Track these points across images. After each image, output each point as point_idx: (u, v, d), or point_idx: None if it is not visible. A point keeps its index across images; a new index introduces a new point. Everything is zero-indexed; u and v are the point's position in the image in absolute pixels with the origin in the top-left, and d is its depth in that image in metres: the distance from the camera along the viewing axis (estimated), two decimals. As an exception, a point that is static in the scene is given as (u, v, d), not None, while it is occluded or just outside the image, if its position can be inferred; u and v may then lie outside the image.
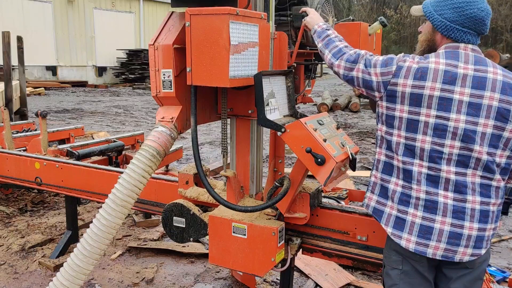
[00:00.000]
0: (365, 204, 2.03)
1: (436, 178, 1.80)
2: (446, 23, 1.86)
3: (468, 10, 1.82)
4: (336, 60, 2.04)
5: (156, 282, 3.48)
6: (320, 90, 19.60)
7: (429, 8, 1.93)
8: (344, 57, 2.02)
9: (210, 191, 2.25)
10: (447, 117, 1.75)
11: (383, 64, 1.88)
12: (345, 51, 2.05)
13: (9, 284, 3.42)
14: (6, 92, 8.39)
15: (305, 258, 3.60)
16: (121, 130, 10.20)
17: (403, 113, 1.82)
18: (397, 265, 1.93)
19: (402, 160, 1.85)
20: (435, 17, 1.89)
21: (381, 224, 1.94)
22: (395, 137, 1.86)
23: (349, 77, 2.00)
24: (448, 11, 1.86)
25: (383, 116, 1.90)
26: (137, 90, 20.97)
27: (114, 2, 24.43)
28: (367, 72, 1.92)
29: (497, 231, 4.56)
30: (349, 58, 2.00)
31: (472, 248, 1.81)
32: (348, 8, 40.29)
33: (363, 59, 1.96)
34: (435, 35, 1.92)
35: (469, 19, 1.83)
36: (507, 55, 16.75)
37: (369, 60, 1.94)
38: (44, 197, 5.19)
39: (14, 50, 8.63)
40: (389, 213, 1.91)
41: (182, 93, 2.30)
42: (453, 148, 1.77)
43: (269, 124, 2.11)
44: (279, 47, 2.39)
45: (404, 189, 1.86)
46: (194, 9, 2.05)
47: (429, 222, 1.81)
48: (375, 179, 1.98)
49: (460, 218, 1.79)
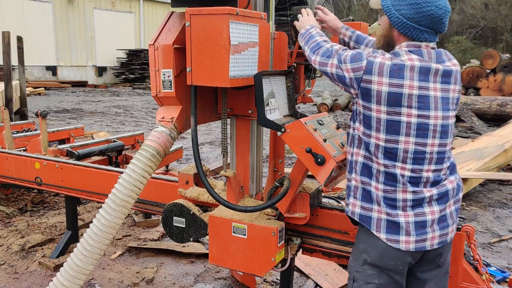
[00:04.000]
0: (349, 212, 1.93)
1: (418, 179, 1.80)
2: (403, 20, 1.78)
3: (426, 7, 1.74)
4: (313, 55, 1.98)
5: (156, 282, 3.48)
6: (320, 90, 19.60)
7: (387, 2, 1.84)
8: (320, 52, 1.96)
9: (210, 191, 2.25)
10: (427, 115, 1.74)
11: (352, 59, 1.80)
12: (322, 45, 1.98)
13: (9, 284, 3.42)
14: (6, 92, 8.40)
15: (305, 258, 3.60)
16: (121, 130, 10.20)
17: (381, 114, 1.74)
18: (372, 279, 1.86)
19: (383, 164, 1.78)
20: (392, 13, 1.81)
21: (371, 231, 1.84)
22: (373, 139, 1.78)
23: (325, 72, 1.95)
24: (405, 7, 1.77)
25: (361, 115, 1.83)
26: (137, 90, 20.96)
27: (114, 2, 24.43)
28: (339, 67, 1.84)
29: (497, 231, 4.58)
30: (324, 53, 1.94)
31: (455, 223, 1.91)
32: (348, 8, 40.28)
33: (336, 53, 1.88)
34: (392, 31, 1.85)
35: (426, 17, 1.76)
36: (507, 55, 16.77)
37: (340, 55, 1.86)
38: (44, 197, 5.19)
39: (14, 50, 8.64)
40: (378, 218, 1.83)
41: (182, 93, 2.30)
42: (433, 147, 1.78)
43: (269, 124, 2.11)
44: (279, 47, 2.39)
45: (388, 193, 1.80)
46: (194, 9, 2.05)
47: (421, 217, 1.81)
48: (355, 183, 1.90)
49: (445, 202, 1.86)
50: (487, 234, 4.55)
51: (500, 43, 32.61)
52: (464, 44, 30.87)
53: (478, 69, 13.76)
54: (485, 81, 13.39)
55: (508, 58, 14.94)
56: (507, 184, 6.24)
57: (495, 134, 7.85)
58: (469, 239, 2.26)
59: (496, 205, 5.43)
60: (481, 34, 34.04)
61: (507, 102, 11.23)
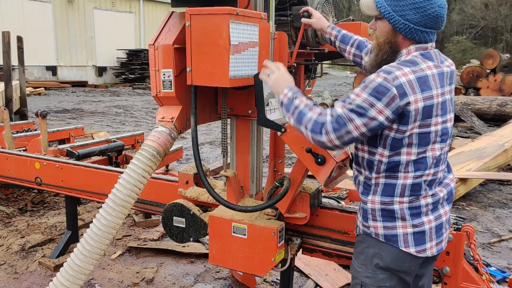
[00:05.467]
0: (373, 233, 1.84)
1: (433, 182, 1.82)
2: (410, 25, 1.71)
3: (430, 9, 1.70)
4: (322, 135, 1.69)
5: (156, 282, 3.48)
6: (320, 90, 19.58)
7: (386, 8, 1.73)
8: (328, 128, 1.67)
9: (210, 191, 2.25)
10: (446, 119, 1.77)
11: (377, 97, 1.60)
12: (321, 120, 1.69)
13: (9, 284, 3.42)
14: (6, 92, 8.40)
15: (305, 258, 3.60)
16: (121, 130, 10.19)
17: (414, 130, 1.68)
18: (383, 283, 1.83)
19: (413, 176, 1.74)
20: (396, 19, 1.72)
21: (400, 249, 1.78)
22: (404, 155, 1.72)
23: (350, 142, 1.70)
24: (410, 12, 1.70)
25: (388, 139, 1.71)
26: (137, 90, 20.96)
27: (114, 2, 24.42)
28: (367, 120, 1.63)
29: (497, 231, 4.58)
30: (334, 126, 1.66)
31: None
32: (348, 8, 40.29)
33: (349, 113, 1.64)
34: (397, 37, 1.76)
35: (432, 18, 1.71)
36: (507, 55, 16.76)
37: (356, 106, 1.63)
38: (44, 197, 5.19)
39: (14, 50, 8.64)
40: (405, 233, 1.77)
41: (182, 93, 2.29)
42: (445, 148, 1.83)
43: (269, 124, 2.11)
44: (279, 47, 2.39)
45: (413, 203, 1.77)
46: (194, 9, 2.05)
47: (439, 220, 1.84)
48: (373, 205, 1.81)
49: (451, 201, 1.91)
50: (487, 234, 4.55)
51: (500, 43, 32.62)
52: (464, 44, 30.90)
53: (478, 69, 13.76)
54: (485, 81, 13.39)
55: (508, 58, 14.94)
56: (507, 184, 6.24)
57: (495, 134, 7.85)
58: (469, 239, 2.26)
59: (496, 205, 5.43)
60: (481, 34, 34.05)
61: (507, 102, 11.22)
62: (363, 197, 1.86)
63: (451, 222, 2.32)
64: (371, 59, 1.86)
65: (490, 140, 7.18)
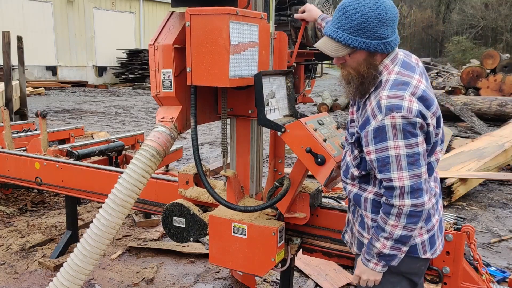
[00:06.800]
0: None
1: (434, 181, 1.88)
2: (385, 41, 1.68)
3: (391, 16, 1.68)
4: (419, 208, 1.66)
5: (156, 282, 3.48)
6: (320, 90, 19.59)
7: (358, 39, 1.67)
8: (414, 202, 1.64)
9: (210, 191, 2.25)
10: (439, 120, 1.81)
11: (413, 133, 1.61)
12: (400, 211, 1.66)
13: (9, 284, 3.42)
14: (6, 92, 8.39)
15: (305, 258, 3.60)
16: (121, 130, 10.19)
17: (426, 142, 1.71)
18: (393, 286, 1.86)
19: None
20: (370, 44, 1.67)
21: (420, 257, 1.81)
22: None
23: (424, 172, 1.68)
24: (381, 29, 1.66)
25: None
26: (137, 90, 20.96)
27: (114, 2, 24.42)
28: (421, 156, 1.64)
29: (497, 231, 4.57)
30: (413, 190, 1.64)
31: None
32: (348, 8, 40.13)
33: (411, 170, 1.63)
34: (375, 57, 1.72)
35: (394, 20, 1.70)
36: (507, 55, 16.77)
37: (407, 157, 1.62)
38: (44, 197, 5.19)
39: (14, 50, 8.63)
40: (422, 241, 1.81)
41: (182, 93, 2.29)
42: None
43: (269, 124, 2.11)
44: (279, 47, 2.39)
45: None
46: (194, 9, 2.05)
47: (439, 216, 1.89)
48: None
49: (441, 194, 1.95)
50: (487, 234, 4.55)
51: (500, 43, 32.61)
52: (464, 44, 30.89)
53: (478, 69, 13.76)
54: (485, 81, 13.39)
55: (508, 58, 14.95)
56: (507, 184, 6.24)
57: (495, 134, 7.85)
58: (469, 239, 2.26)
59: (496, 205, 5.43)
60: (481, 34, 34.05)
61: (507, 102, 11.23)
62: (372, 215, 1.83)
63: (451, 222, 2.32)
64: (354, 89, 1.76)
65: (490, 140, 7.18)
